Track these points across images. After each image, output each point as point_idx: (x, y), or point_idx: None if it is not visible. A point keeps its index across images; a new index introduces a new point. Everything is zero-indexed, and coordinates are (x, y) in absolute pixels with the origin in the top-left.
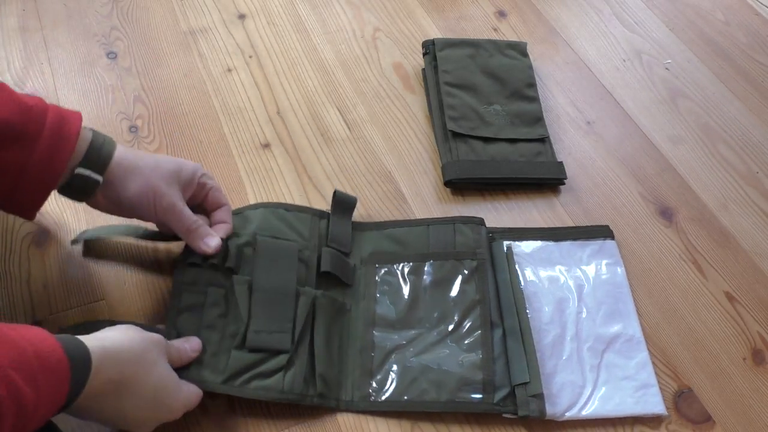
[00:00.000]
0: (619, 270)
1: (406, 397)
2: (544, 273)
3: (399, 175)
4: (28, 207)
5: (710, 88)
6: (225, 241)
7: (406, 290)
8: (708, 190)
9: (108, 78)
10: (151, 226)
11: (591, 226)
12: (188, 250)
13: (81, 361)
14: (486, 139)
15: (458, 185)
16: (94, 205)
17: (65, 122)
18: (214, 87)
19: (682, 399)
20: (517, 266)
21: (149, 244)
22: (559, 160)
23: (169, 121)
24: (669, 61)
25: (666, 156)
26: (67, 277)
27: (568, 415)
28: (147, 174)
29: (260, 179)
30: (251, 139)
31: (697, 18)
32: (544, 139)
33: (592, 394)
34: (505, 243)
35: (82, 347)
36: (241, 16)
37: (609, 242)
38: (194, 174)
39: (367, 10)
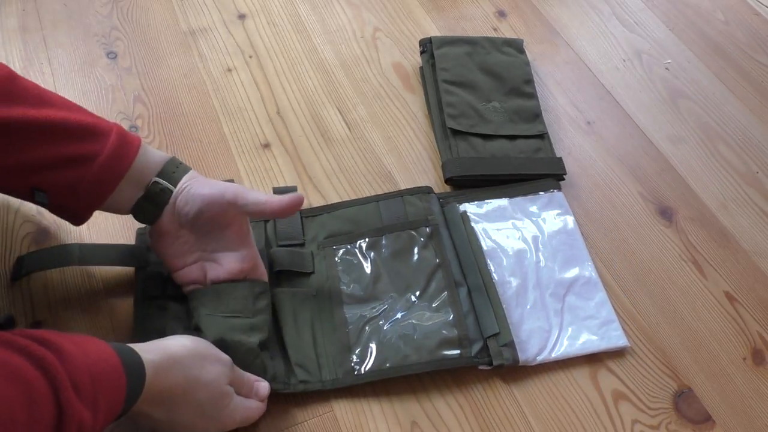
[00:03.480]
0: (569, 218)
1: (388, 364)
2: (499, 229)
3: (399, 175)
4: (86, 204)
5: (710, 88)
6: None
7: (367, 266)
8: (708, 190)
9: (108, 78)
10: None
11: (539, 181)
12: (145, 284)
13: (136, 376)
14: (485, 136)
15: (458, 183)
16: (158, 231)
17: (126, 132)
18: (214, 87)
19: (682, 399)
20: (473, 225)
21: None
22: (558, 155)
23: (169, 121)
24: (669, 61)
25: (666, 156)
26: (67, 277)
27: (540, 358)
28: (219, 183)
29: (260, 179)
30: (251, 139)
31: (697, 18)
32: (542, 136)
33: (559, 336)
34: (460, 206)
35: (138, 361)
36: (241, 16)
37: (557, 194)
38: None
39: (367, 10)
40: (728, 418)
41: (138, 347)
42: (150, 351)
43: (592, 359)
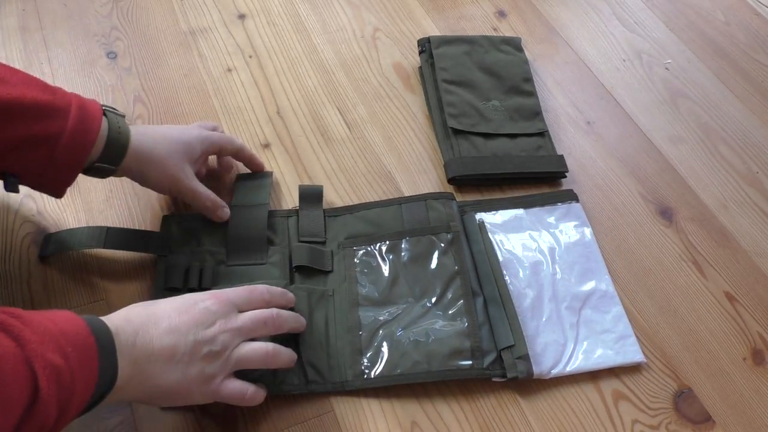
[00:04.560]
0: (586, 230)
1: (398, 371)
2: (516, 240)
3: (399, 175)
4: (61, 182)
5: (710, 88)
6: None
7: (385, 269)
8: (708, 190)
9: (108, 78)
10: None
11: (556, 191)
12: (166, 273)
13: (99, 326)
14: (487, 135)
15: (460, 182)
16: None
17: (86, 102)
18: (214, 87)
19: (682, 399)
20: (490, 235)
21: None
22: (559, 153)
23: (169, 121)
24: (669, 61)
25: (666, 156)
26: (67, 277)
27: (554, 372)
28: (163, 163)
29: None
30: (251, 139)
31: (697, 18)
32: (543, 133)
33: (574, 349)
34: (477, 215)
35: (97, 318)
36: (241, 16)
37: (575, 205)
38: (202, 151)
39: (367, 10)
40: (728, 418)
41: (106, 318)
42: (117, 316)
43: None
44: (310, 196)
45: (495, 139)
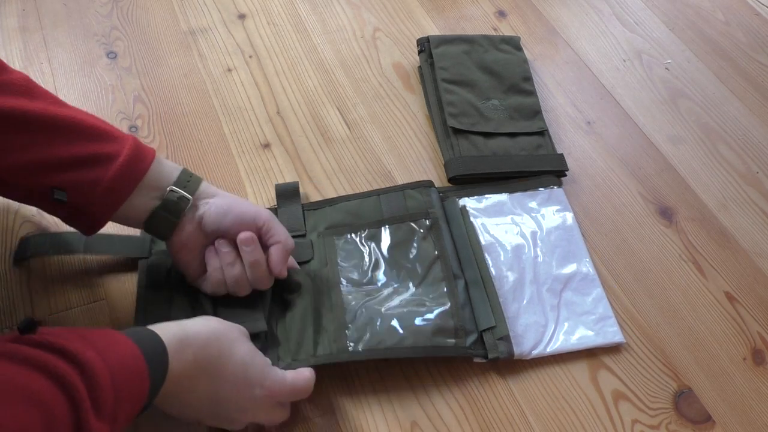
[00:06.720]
0: (568, 215)
1: (383, 345)
2: (498, 224)
3: (399, 175)
4: (102, 209)
5: (710, 88)
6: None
7: (366, 255)
8: (708, 190)
9: (108, 78)
10: None
11: (539, 177)
12: (148, 272)
13: (158, 360)
14: (487, 134)
15: (460, 181)
16: (180, 243)
17: (140, 143)
18: (214, 87)
19: (682, 399)
20: (472, 219)
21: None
22: (559, 152)
23: (169, 121)
24: (669, 61)
25: (666, 156)
26: (67, 277)
27: (535, 353)
28: (234, 200)
29: (260, 179)
30: (251, 139)
31: (697, 18)
32: (543, 132)
33: (555, 331)
34: (460, 201)
35: (158, 342)
36: (241, 16)
37: (557, 190)
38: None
39: (367, 10)
40: (728, 418)
41: (156, 328)
42: (169, 328)
43: (592, 359)
44: (287, 192)
45: (495, 138)
